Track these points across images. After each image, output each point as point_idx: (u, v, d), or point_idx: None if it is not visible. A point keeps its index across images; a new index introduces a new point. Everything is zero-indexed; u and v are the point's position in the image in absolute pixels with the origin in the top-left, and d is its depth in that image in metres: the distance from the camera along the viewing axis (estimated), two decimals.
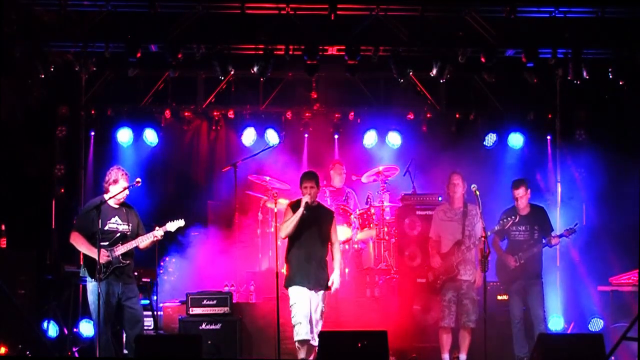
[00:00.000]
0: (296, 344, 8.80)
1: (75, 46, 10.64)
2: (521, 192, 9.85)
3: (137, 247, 8.84)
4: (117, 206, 8.85)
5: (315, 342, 8.68)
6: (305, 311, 8.72)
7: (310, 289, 8.78)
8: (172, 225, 8.89)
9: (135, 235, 8.87)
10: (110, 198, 8.77)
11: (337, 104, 12.88)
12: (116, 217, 8.81)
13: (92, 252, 8.58)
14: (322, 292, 8.88)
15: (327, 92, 12.74)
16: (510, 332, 9.89)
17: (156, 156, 12.59)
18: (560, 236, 9.86)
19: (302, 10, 10.55)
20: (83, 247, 8.69)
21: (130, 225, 8.88)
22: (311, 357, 8.81)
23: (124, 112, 12.44)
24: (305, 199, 8.76)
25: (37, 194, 11.52)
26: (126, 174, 8.90)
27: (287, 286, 8.89)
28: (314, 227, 8.85)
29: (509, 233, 9.91)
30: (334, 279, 8.91)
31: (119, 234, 8.78)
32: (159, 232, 8.82)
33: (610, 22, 10.55)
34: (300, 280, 8.77)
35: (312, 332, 8.74)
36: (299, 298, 8.76)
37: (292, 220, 8.77)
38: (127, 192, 8.88)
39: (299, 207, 8.78)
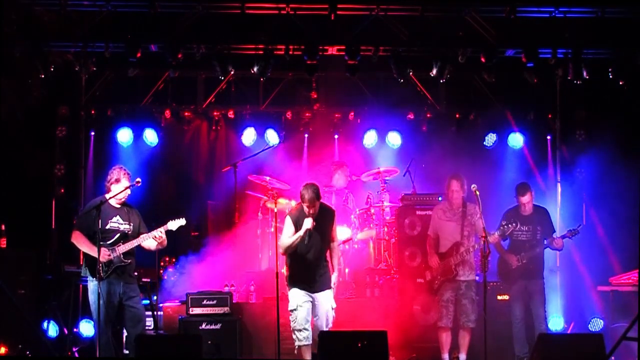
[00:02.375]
0: (297, 349, 8.78)
1: (75, 46, 10.63)
2: (527, 199, 9.84)
3: (139, 247, 8.84)
4: (118, 206, 8.84)
5: None
6: (306, 316, 8.70)
7: (312, 292, 8.77)
8: (174, 224, 8.87)
9: (136, 234, 8.85)
10: (111, 197, 8.77)
11: (337, 104, 12.88)
12: (117, 217, 8.80)
13: (93, 251, 8.57)
14: (327, 290, 8.85)
15: (327, 92, 12.74)
16: (510, 332, 9.89)
17: (156, 156, 12.59)
18: (563, 237, 9.84)
19: (302, 10, 10.54)
20: (84, 246, 8.68)
21: (132, 224, 8.87)
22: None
23: (124, 112, 12.44)
24: (307, 225, 8.63)
25: (37, 194, 11.52)
26: (128, 174, 8.90)
27: (289, 287, 8.86)
28: (315, 230, 8.79)
29: (512, 233, 9.88)
30: (334, 281, 8.92)
31: (120, 234, 8.76)
32: (160, 232, 8.81)
33: (610, 22, 10.54)
34: (301, 283, 8.75)
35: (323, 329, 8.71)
36: (299, 303, 8.73)
37: (292, 241, 8.69)
38: (128, 191, 8.87)
39: (299, 216, 8.73)
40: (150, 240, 8.82)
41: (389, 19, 10.77)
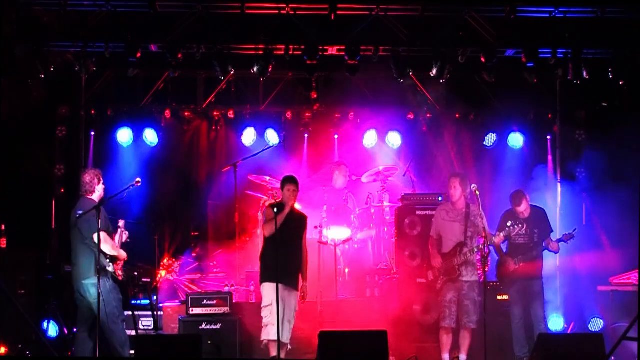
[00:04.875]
0: (264, 342, 9.02)
1: (75, 46, 10.63)
2: (524, 207, 9.83)
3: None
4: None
5: (286, 340, 8.94)
6: (277, 311, 8.79)
7: (284, 286, 8.91)
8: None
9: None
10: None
11: (337, 104, 12.87)
12: (104, 217, 8.88)
13: (117, 251, 8.70)
14: (295, 292, 9.07)
15: (327, 92, 12.74)
16: (510, 332, 9.89)
17: (156, 156, 12.57)
18: (559, 241, 9.86)
19: (302, 10, 10.54)
20: (114, 248, 8.73)
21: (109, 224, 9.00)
22: (283, 354, 8.96)
23: (124, 112, 12.43)
24: (290, 203, 8.96)
25: (37, 194, 11.51)
26: (99, 172, 9.03)
27: (262, 282, 9.08)
28: (289, 230, 9.00)
29: (510, 236, 9.87)
30: (304, 293, 9.12)
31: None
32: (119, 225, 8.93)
33: (610, 22, 10.54)
34: (274, 278, 8.82)
35: (283, 330, 8.89)
36: (273, 298, 8.85)
37: (277, 220, 8.91)
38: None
39: (279, 207, 8.95)
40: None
41: (389, 19, 10.76)
